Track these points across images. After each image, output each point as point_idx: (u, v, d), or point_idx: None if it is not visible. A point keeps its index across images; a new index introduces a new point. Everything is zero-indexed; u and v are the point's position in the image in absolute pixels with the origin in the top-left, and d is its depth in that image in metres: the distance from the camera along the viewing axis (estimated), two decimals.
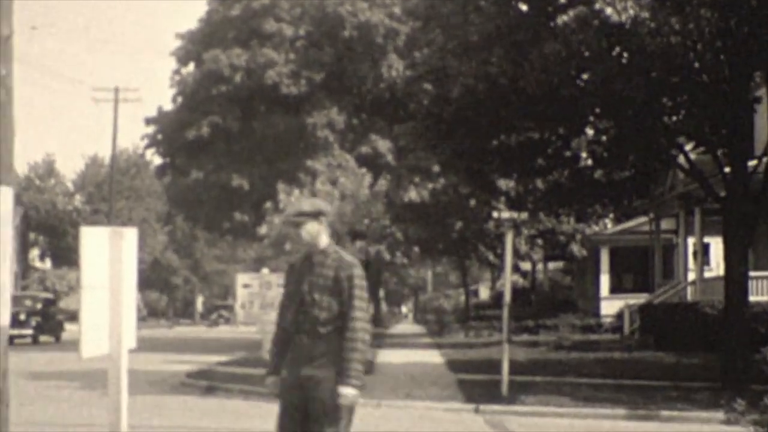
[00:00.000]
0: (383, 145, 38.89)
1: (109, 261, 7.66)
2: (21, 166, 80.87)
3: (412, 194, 38.39)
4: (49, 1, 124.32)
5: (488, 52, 18.53)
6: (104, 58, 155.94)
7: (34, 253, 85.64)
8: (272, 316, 28.47)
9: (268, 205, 28.19)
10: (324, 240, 7.04)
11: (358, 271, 6.85)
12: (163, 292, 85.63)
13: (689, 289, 31.82)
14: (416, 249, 42.83)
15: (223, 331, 64.45)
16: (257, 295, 28.54)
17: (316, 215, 7.03)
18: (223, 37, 40.15)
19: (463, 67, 18.86)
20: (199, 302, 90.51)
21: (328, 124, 38.72)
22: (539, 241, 47.93)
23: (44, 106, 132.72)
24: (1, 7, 6.26)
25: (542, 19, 18.15)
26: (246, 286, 28.98)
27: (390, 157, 38.65)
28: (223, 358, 30.19)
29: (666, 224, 37.11)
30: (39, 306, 42.10)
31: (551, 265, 57.52)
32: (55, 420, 15.50)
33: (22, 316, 39.43)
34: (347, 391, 6.77)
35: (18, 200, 54.43)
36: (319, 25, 39.85)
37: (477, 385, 20.39)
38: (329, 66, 39.58)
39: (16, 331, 37.44)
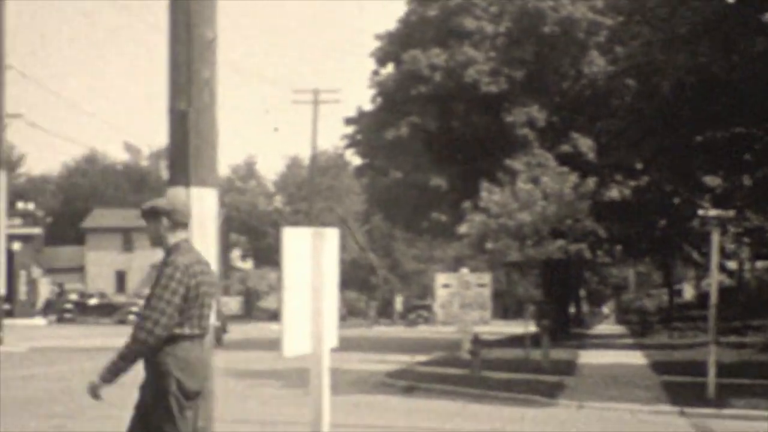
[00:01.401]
0: (584, 143, 38.25)
1: (310, 261, 7.66)
2: (222, 168, 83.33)
3: (614, 193, 37.65)
4: (250, 5, 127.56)
5: (696, 44, 17.95)
6: (304, 59, 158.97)
7: (236, 253, 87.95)
8: (472, 315, 28.46)
9: (467, 204, 28.07)
10: (170, 239, 6.48)
11: (168, 270, 6.28)
12: (362, 291, 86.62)
13: None
14: (618, 248, 41.99)
15: (422, 331, 64.71)
16: (457, 295, 28.46)
17: (155, 215, 6.57)
18: (421, 36, 40.24)
19: (672, 60, 18.31)
20: (398, 302, 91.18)
21: (527, 122, 38.32)
22: (746, 239, 46.32)
23: (246, 109, 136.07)
24: (204, 11, 6.31)
25: (750, 11, 17.46)
26: (445, 285, 28.94)
27: (591, 155, 37.98)
28: (422, 357, 30.22)
29: None
30: None
31: (759, 264, 55.59)
32: (258, 417, 15.74)
33: None
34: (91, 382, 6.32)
35: (220, 202, 55.78)
36: (519, 21, 39.47)
37: (682, 387, 19.83)
38: (529, 63, 39.16)
39: None
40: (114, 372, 6.21)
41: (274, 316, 72.88)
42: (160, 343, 6.16)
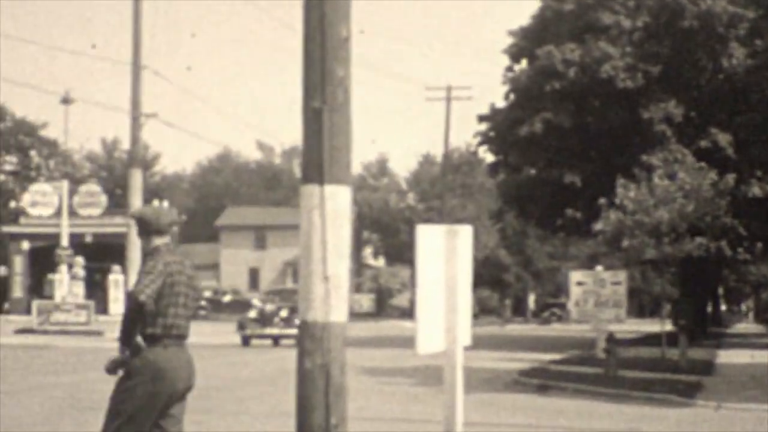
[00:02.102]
0: (723, 138, 37.42)
1: (444, 259, 7.64)
2: (355, 165, 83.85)
3: (755, 189, 36.73)
4: (383, 3, 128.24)
5: None
6: (437, 57, 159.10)
7: (368, 251, 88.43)
8: (607, 313, 28.13)
9: (602, 201, 27.74)
10: (148, 244, 7.16)
11: (151, 261, 6.95)
12: (495, 289, 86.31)
13: None
14: (759, 245, 40.99)
15: (555, 329, 64.28)
16: (591, 293, 28.19)
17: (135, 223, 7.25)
18: (556, 32, 39.89)
19: None
20: (531, 300, 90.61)
21: (664, 118, 37.66)
22: None
23: (378, 106, 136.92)
24: (339, 9, 6.33)
25: None
26: (580, 283, 28.68)
27: (730, 151, 37.15)
28: (555, 356, 29.98)
29: None
30: (296, 304, 40.27)
31: None
32: (391, 415, 15.80)
33: (284, 312, 36.08)
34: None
35: (352, 199, 56.04)
36: (657, 15, 38.82)
37: None
38: (666, 58, 38.48)
39: (276, 330, 35.67)
40: (122, 339, 6.86)
41: (406, 313, 73.14)
42: (149, 302, 6.70)
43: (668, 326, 27.99)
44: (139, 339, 6.95)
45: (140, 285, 6.76)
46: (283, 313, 35.98)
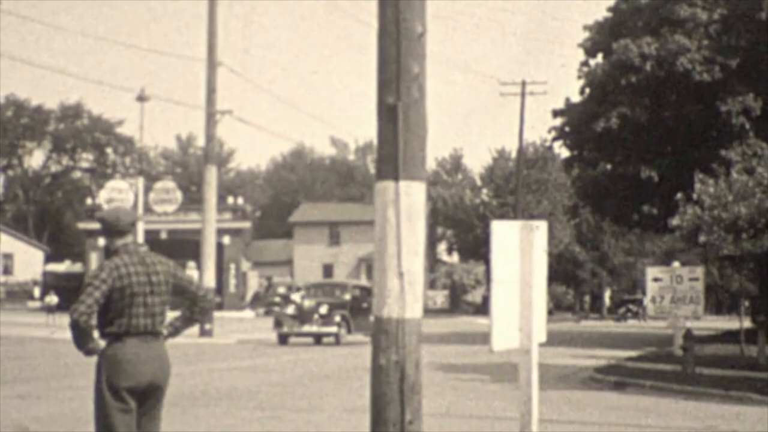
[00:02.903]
0: None
1: (519, 255, 7.60)
2: (430, 161, 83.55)
3: None
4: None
5: None
6: (511, 51, 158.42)
7: (442, 246, 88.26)
8: (684, 310, 27.80)
9: (679, 196, 27.38)
10: (112, 245, 7.40)
11: (95, 270, 7.23)
12: (570, 285, 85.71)
13: None
14: None
15: (631, 326, 63.71)
16: (668, 289, 27.89)
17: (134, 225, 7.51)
18: (632, 25, 39.48)
19: None
20: (607, 296, 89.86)
21: (743, 111, 37.10)
22: None
23: (452, 102, 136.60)
24: (414, 5, 6.32)
25: None
26: (656, 279, 28.39)
27: None
28: (632, 353, 29.70)
29: None
30: (347, 297, 35.34)
31: None
32: (466, 412, 15.76)
33: (323, 309, 33.86)
34: None
35: (427, 195, 55.84)
36: (734, 7, 38.26)
37: None
38: (744, 50, 37.89)
39: (315, 328, 33.60)
40: (76, 347, 7.15)
41: (480, 310, 72.97)
42: (84, 321, 6.91)
43: (747, 323, 27.56)
44: (96, 340, 7.18)
45: (76, 302, 6.99)
46: (323, 310, 33.68)
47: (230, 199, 68.36)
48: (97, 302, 6.95)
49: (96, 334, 7.17)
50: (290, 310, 34.96)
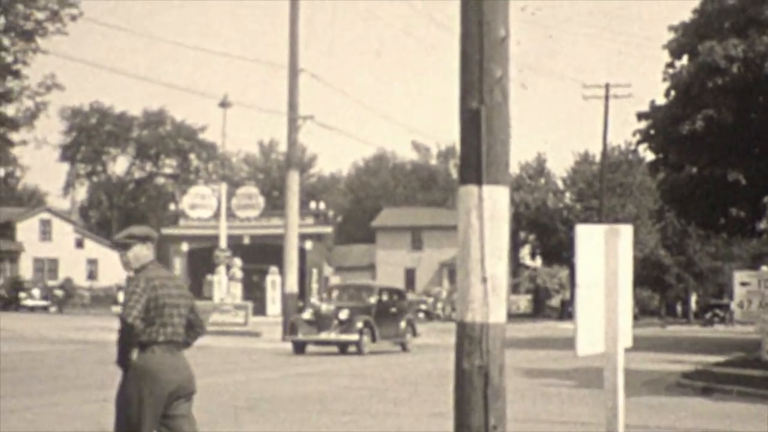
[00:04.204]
0: None
1: (604, 259, 7.52)
2: (513, 165, 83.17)
3: None
4: (538, 2, 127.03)
5: None
6: (595, 54, 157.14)
7: (525, 251, 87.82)
8: None
9: (767, 199, 26.95)
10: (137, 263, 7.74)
11: (133, 282, 7.52)
12: (655, 290, 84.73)
13: None
14: None
15: (717, 331, 62.80)
16: (756, 294, 27.46)
17: (144, 239, 7.77)
18: (718, 27, 38.93)
19: None
20: (693, 300, 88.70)
21: None
22: None
23: (535, 106, 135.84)
24: (497, 9, 6.30)
25: None
26: (744, 284, 27.98)
27: None
28: (719, 358, 29.25)
29: None
30: (372, 301, 31.91)
31: None
32: (551, 417, 15.65)
33: (343, 314, 30.42)
34: None
35: (510, 199, 55.55)
36: None
37: None
38: None
39: (333, 336, 30.22)
40: (119, 359, 7.46)
41: (563, 314, 72.49)
42: (137, 323, 7.30)
43: None
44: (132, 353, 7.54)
45: (127, 308, 7.35)
46: (343, 315, 30.25)
47: (312, 204, 68.73)
48: (142, 311, 7.37)
49: None
50: (307, 314, 31.72)
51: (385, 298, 32.59)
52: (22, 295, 68.41)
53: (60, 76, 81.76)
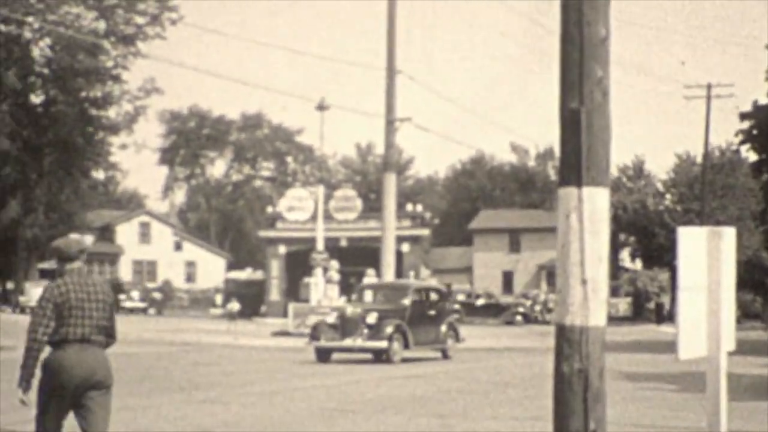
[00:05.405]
0: None
1: (707, 261, 7.42)
2: (611, 167, 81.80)
3: None
4: (637, 3, 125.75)
5: None
6: (696, 54, 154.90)
7: (625, 253, 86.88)
8: None
9: None
10: (62, 269, 8.42)
11: (41, 292, 8.29)
12: (758, 293, 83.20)
13: None
14: None
15: None
16: None
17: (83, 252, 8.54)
18: None
19: None
20: None
21: None
22: None
23: (634, 106, 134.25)
24: (598, 8, 6.25)
25: None
26: None
27: None
28: None
29: None
30: (406, 302, 28.57)
31: None
32: (651, 421, 15.46)
33: (371, 318, 27.60)
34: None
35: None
36: None
37: None
38: None
39: (358, 342, 27.37)
40: (21, 374, 8.09)
41: (660, 317, 71.55)
42: (37, 342, 8.03)
43: None
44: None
45: (31, 327, 8.10)
46: (371, 319, 27.38)
47: (409, 207, 68.77)
48: (50, 320, 8.09)
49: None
50: (331, 318, 29.18)
51: (422, 297, 29.83)
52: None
53: (159, 79, 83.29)
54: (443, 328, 29.70)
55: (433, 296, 30.55)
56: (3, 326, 35.51)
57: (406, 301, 28.42)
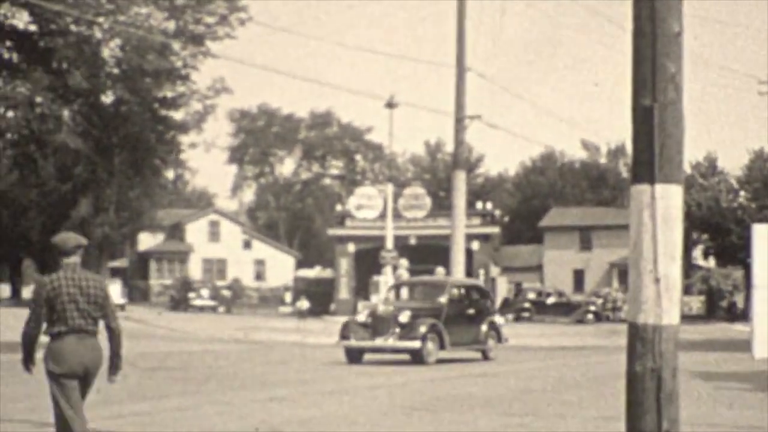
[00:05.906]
0: None
1: None
2: (684, 164, 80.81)
3: None
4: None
5: None
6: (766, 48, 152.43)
7: (698, 251, 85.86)
8: None
9: None
10: (61, 263, 8.95)
11: (34, 287, 9.00)
12: None
13: None
14: None
15: None
16: None
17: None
18: None
19: None
20: None
21: None
22: None
23: (707, 102, 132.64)
24: (670, 4, 6.19)
25: None
26: None
27: None
28: None
29: None
30: (443, 300, 27.35)
31: None
32: (724, 420, 15.26)
33: (404, 317, 26.32)
34: None
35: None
36: None
37: None
38: None
39: (390, 342, 26.05)
40: (22, 359, 8.86)
41: (733, 316, 70.63)
42: (28, 335, 8.72)
43: None
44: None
45: (26, 320, 8.72)
46: (404, 317, 26.00)
47: (479, 205, 68.59)
48: (42, 315, 8.66)
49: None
50: (362, 317, 27.85)
51: (461, 294, 28.35)
52: (191, 295, 70.48)
53: (228, 79, 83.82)
54: (483, 327, 28.29)
55: (474, 294, 29.11)
56: None
57: (443, 299, 27.10)
